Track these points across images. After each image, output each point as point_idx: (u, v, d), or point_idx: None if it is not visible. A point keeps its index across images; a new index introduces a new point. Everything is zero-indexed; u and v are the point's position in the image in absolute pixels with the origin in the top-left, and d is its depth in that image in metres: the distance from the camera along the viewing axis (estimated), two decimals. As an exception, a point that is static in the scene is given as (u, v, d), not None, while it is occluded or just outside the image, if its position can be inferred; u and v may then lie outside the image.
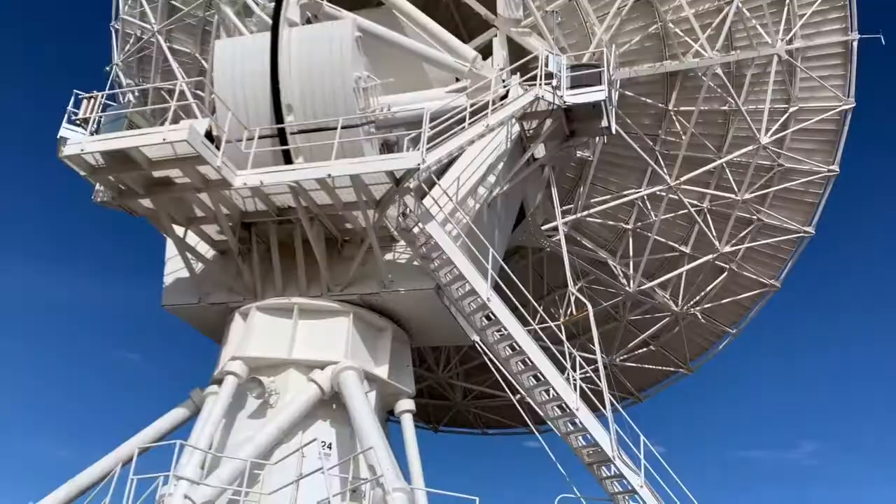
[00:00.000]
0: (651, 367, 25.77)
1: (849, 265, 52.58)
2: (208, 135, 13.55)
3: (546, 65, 15.53)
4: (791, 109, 21.97)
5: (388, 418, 16.30)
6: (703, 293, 23.77)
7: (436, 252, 14.08)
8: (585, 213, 21.42)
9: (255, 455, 12.84)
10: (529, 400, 14.63)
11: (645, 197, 22.04)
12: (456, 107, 14.88)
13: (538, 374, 14.20)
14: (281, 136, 15.28)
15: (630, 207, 22.61)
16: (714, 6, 20.81)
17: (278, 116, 15.31)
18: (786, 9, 20.94)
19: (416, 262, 14.64)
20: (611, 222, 22.77)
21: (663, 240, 23.06)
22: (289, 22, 15.94)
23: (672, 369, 26.30)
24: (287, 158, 15.23)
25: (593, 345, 25.15)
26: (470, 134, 14.07)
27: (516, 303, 15.42)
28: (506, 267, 14.65)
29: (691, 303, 23.75)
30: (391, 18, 18.93)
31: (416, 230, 14.03)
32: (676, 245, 23.19)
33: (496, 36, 18.39)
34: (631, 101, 21.25)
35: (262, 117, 15.47)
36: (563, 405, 13.98)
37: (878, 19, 30.63)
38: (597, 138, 21.17)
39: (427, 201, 14.75)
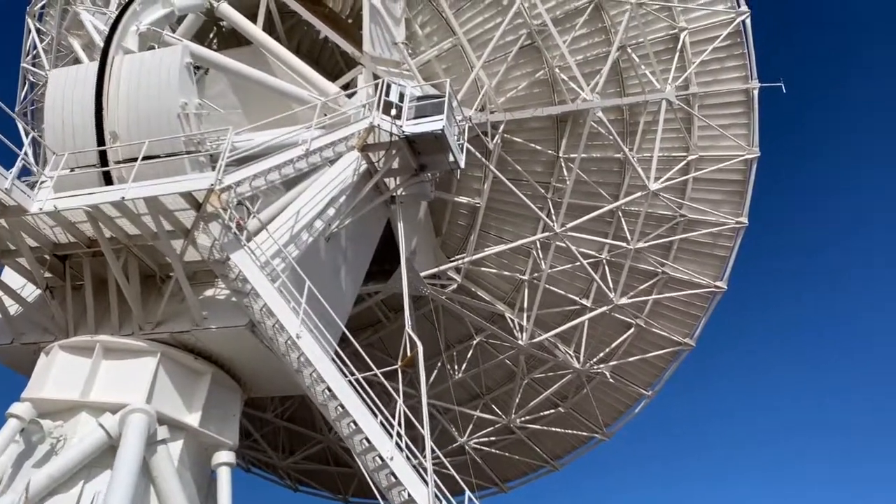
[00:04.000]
0: (561, 430, 24.17)
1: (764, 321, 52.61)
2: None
3: (387, 94, 14.80)
4: (690, 158, 21.25)
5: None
6: (608, 349, 22.48)
7: (249, 285, 12.98)
8: (467, 259, 20.35)
9: (13, 505, 11.41)
10: (349, 449, 13.21)
11: (538, 245, 21.05)
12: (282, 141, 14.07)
13: (356, 422, 12.81)
14: (105, 164, 14.45)
15: (526, 257, 21.60)
16: (604, 52, 20.39)
17: (103, 144, 14.53)
18: (676, 55, 20.52)
19: (234, 298, 13.52)
20: (507, 273, 21.70)
21: (563, 292, 21.95)
22: (124, 50, 15.37)
23: (587, 434, 24.74)
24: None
25: (495, 405, 23.93)
26: (282, 158, 13.21)
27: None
28: (326, 305, 13.36)
29: (594, 360, 22.40)
30: (261, 57, 18.48)
31: (230, 262, 12.97)
32: (577, 298, 22.05)
33: (362, 73, 17.80)
34: (521, 147, 20.61)
35: (88, 145, 14.69)
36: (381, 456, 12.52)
37: (779, 67, 30.78)
38: (484, 183, 20.53)
39: (262, 235, 13.87)
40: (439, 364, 22.77)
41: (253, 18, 19.17)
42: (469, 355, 22.68)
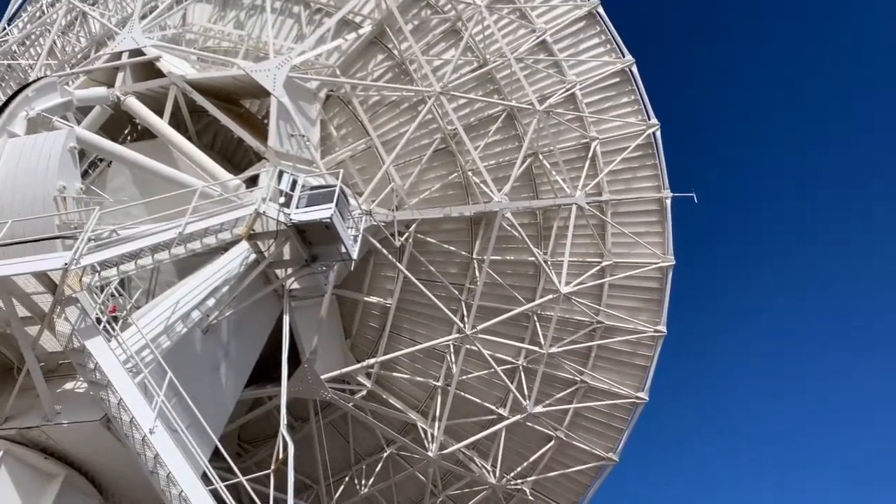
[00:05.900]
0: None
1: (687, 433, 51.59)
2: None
3: (279, 182, 14.47)
4: (605, 263, 21.16)
5: None
6: (526, 463, 21.31)
7: (106, 377, 11.94)
8: (373, 360, 19.43)
9: None
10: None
11: (452, 349, 20.30)
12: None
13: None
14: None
15: (440, 362, 20.77)
16: (516, 158, 20.57)
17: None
18: (587, 163, 20.85)
19: (92, 392, 12.40)
20: (420, 378, 20.78)
21: (479, 401, 21.02)
22: (9, 134, 14.93)
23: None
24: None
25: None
26: (151, 240, 12.56)
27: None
28: (188, 399, 12.24)
29: (512, 474, 21.16)
30: (166, 151, 18.18)
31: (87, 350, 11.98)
32: (493, 407, 21.10)
33: (266, 167, 17.55)
34: (435, 248, 20.31)
35: (-42, 227, 13.89)
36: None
37: (691, 178, 31.83)
38: (396, 283, 19.99)
39: (133, 330, 12.97)
40: (347, 478, 21.31)
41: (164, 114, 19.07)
42: (379, 468, 21.26)
